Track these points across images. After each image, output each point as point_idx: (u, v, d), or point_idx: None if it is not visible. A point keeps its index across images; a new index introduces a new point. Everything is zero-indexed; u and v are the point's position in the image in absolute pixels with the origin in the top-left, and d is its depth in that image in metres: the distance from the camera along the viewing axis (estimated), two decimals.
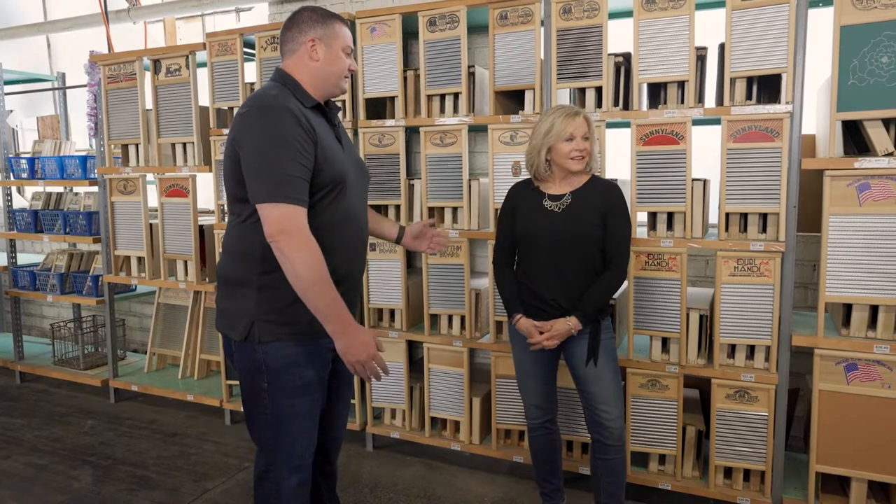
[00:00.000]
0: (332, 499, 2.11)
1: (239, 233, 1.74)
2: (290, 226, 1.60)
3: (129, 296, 4.25)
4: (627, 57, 2.58)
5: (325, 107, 1.84)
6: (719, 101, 2.48)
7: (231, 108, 3.33)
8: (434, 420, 3.06)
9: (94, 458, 3.15)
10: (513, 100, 2.85)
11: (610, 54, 2.54)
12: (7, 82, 4.61)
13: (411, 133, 3.17)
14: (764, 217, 2.40)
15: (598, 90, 2.57)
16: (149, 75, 3.53)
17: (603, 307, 2.19)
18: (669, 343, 2.56)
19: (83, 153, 4.18)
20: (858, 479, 2.33)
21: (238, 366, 1.82)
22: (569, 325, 2.15)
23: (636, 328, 2.57)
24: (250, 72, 3.30)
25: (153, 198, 3.63)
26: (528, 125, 2.67)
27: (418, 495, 2.76)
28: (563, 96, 2.75)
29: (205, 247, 3.56)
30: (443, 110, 2.88)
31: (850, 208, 2.24)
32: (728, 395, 2.46)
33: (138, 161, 3.61)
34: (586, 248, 2.16)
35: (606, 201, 2.16)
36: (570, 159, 2.15)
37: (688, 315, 2.50)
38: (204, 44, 3.34)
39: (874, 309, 2.30)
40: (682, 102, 2.47)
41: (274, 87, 1.76)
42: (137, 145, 3.59)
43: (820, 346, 2.32)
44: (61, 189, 4.37)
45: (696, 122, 2.50)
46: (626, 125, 2.57)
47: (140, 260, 3.70)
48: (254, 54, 3.22)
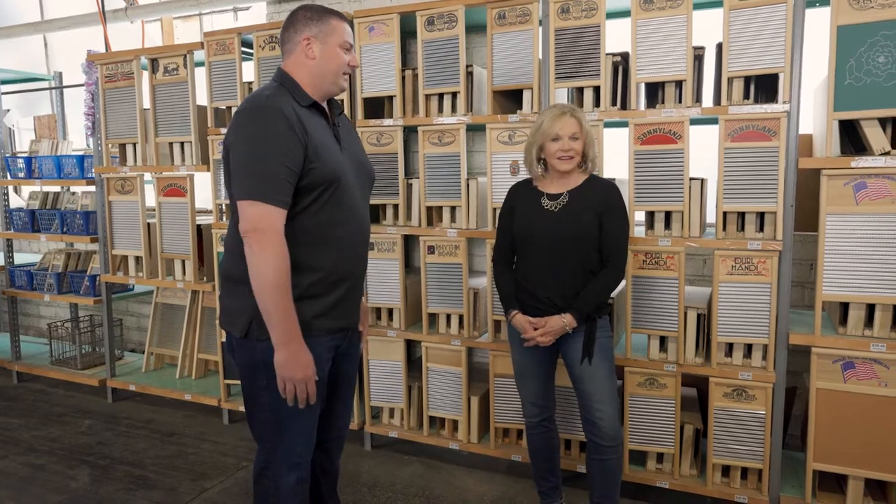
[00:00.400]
0: (332, 498, 2.12)
1: (237, 230, 1.74)
2: (264, 225, 1.63)
3: (127, 295, 4.25)
4: (625, 56, 2.59)
5: (324, 106, 1.84)
6: (717, 100, 2.49)
7: (229, 108, 3.33)
8: (432, 419, 3.06)
9: (92, 457, 3.15)
10: (511, 99, 2.85)
11: (608, 54, 2.55)
12: (4, 82, 4.61)
13: (409, 132, 3.18)
14: (761, 216, 2.41)
15: (596, 90, 2.58)
16: (146, 75, 3.53)
17: (599, 306, 2.19)
18: (667, 342, 2.57)
19: (80, 153, 4.16)
20: (855, 477, 2.34)
21: (239, 363, 1.83)
22: (563, 322, 2.16)
23: (634, 327, 2.58)
24: (248, 71, 3.29)
25: (151, 197, 3.63)
26: (526, 125, 2.68)
27: (417, 494, 2.76)
28: (561, 96, 2.76)
29: (202, 246, 3.56)
30: (441, 110, 2.88)
31: (846, 207, 2.25)
32: (726, 393, 2.47)
33: (136, 160, 3.60)
34: (582, 247, 2.16)
35: (604, 201, 2.16)
36: (557, 159, 2.17)
37: (685, 314, 2.51)
38: (202, 43, 3.34)
39: (871, 307, 2.31)
40: (680, 102, 2.47)
41: (270, 87, 1.77)
42: (135, 145, 3.59)
43: (817, 344, 2.33)
44: (58, 188, 4.35)
45: (694, 122, 2.50)
46: (623, 125, 2.58)
47: (138, 259, 3.69)
48: (252, 54, 3.22)
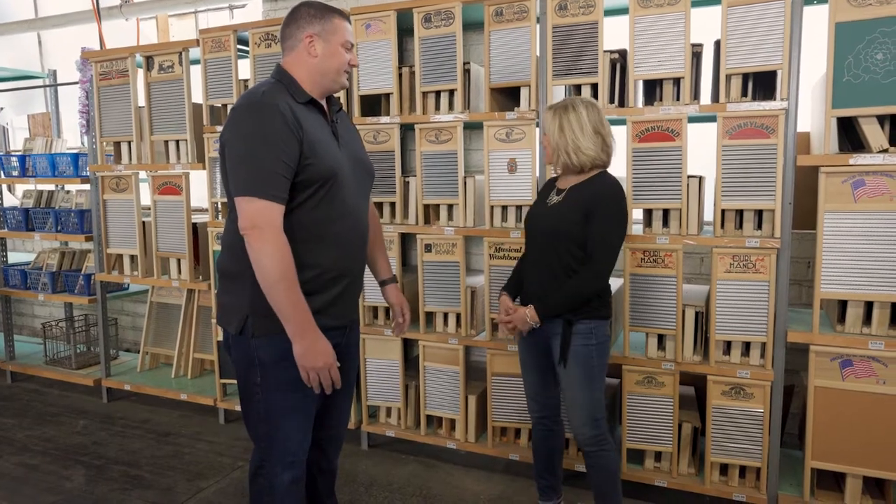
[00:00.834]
0: (330, 497, 2.10)
1: (235, 227, 1.73)
2: (263, 221, 1.62)
3: (122, 294, 4.22)
4: (623, 54, 2.58)
5: (321, 103, 1.82)
6: (715, 97, 2.49)
7: (225, 106, 3.31)
8: (430, 418, 3.05)
9: (87, 457, 3.12)
10: (508, 97, 2.84)
11: (606, 51, 2.54)
12: None
13: (406, 130, 3.16)
14: (759, 214, 2.41)
15: (594, 87, 2.57)
16: (141, 72, 3.51)
17: (574, 309, 2.11)
18: (665, 340, 2.56)
19: (75, 151, 4.14)
20: (853, 475, 2.34)
21: (234, 359, 1.82)
22: (525, 315, 2.15)
23: (632, 325, 2.57)
24: (244, 69, 3.27)
25: (146, 196, 3.60)
26: (523, 122, 2.67)
27: (414, 494, 2.75)
28: (558, 93, 2.75)
29: (198, 245, 3.53)
30: (438, 107, 2.87)
31: (845, 205, 2.25)
32: (724, 391, 2.46)
33: (131, 159, 3.58)
34: (560, 244, 2.12)
35: (591, 201, 2.09)
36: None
37: (683, 312, 2.50)
38: (197, 40, 3.32)
39: (869, 305, 2.30)
40: (678, 99, 2.46)
41: (267, 83, 1.76)
42: (130, 143, 3.56)
43: (815, 342, 2.33)
44: (53, 187, 4.33)
45: (692, 119, 2.50)
46: (621, 122, 2.57)
47: (133, 258, 3.67)
48: (248, 51, 3.20)
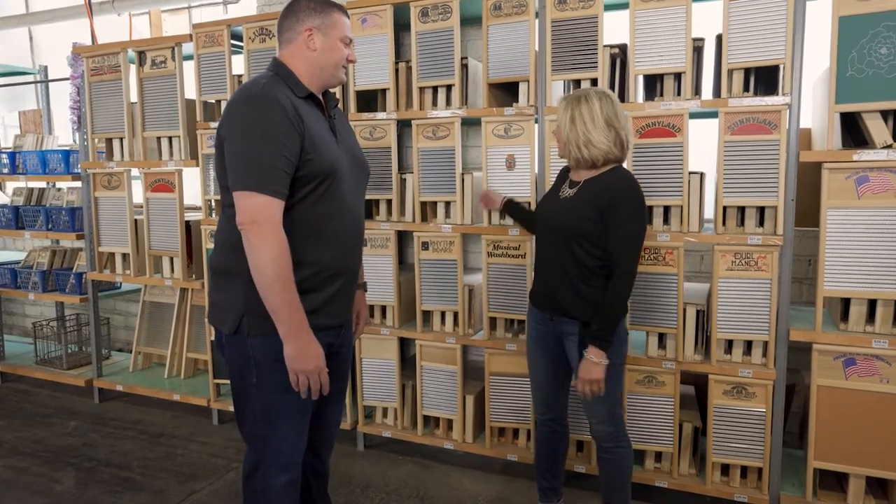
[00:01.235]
0: (323, 499, 2.06)
1: (230, 223, 1.68)
2: (262, 216, 1.58)
3: (114, 293, 4.17)
4: (623, 48, 2.54)
5: (319, 97, 1.79)
6: (716, 92, 2.46)
7: (218, 102, 3.26)
8: (427, 418, 3.01)
9: (77, 459, 3.07)
10: (507, 92, 2.80)
11: (605, 46, 2.50)
12: None
13: (403, 126, 3.12)
14: (761, 211, 2.37)
15: (594, 82, 2.53)
16: (133, 68, 3.45)
17: (611, 315, 2.03)
18: (666, 339, 2.52)
19: (66, 148, 4.08)
20: (856, 475, 2.31)
21: (228, 360, 1.77)
22: (591, 363, 2.00)
23: (632, 324, 2.53)
24: (238, 64, 3.22)
25: (138, 193, 3.55)
26: (522, 118, 2.63)
27: (411, 495, 2.71)
28: (557, 89, 2.71)
29: (191, 243, 3.49)
30: (435, 103, 2.82)
31: (848, 201, 2.22)
32: (725, 391, 2.43)
33: (123, 155, 3.53)
34: (569, 240, 2.06)
35: (605, 196, 2.02)
36: None
37: (685, 310, 2.47)
38: (190, 35, 3.27)
39: (872, 303, 2.27)
40: (679, 94, 2.43)
41: (265, 76, 1.72)
42: (122, 139, 3.51)
43: (818, 341, 2.30)
44: (43, 184, 4.27)
45: (693, 115, 2.47)
46: None
47: (125, 257, 3.61)
48: (242, 46, 3.15)
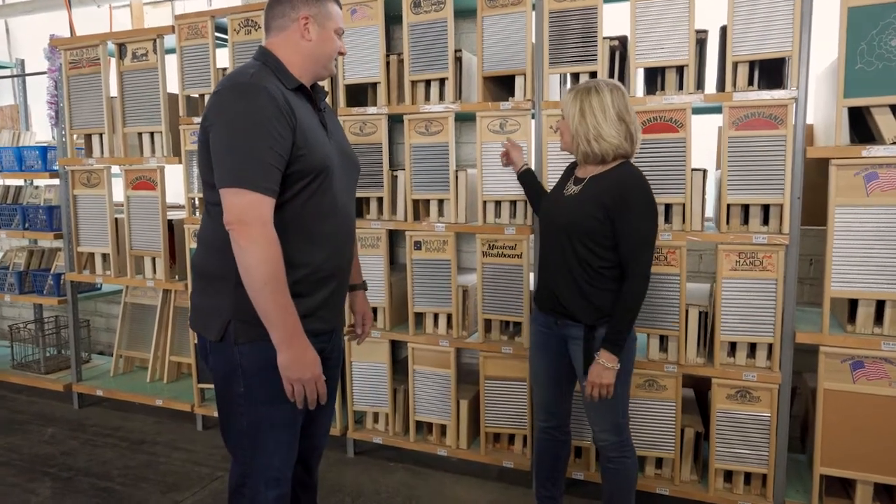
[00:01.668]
0: None
1: (215, 223, 1.57)
2: (251, 216, 1.46)
3: (94, 295, 4.03)
4: (623, 41, 2.46)
5: (309, 90, 1.68)
6: (720, 86, 2.38)
7: (202, 96, 3.15)
8: (419, 424, 2.91)
9: (55, 469, 2.94)
10: (502, 86, 2.71)
11: (605, 38, 2.42)
12: None
13: (394, 121, 3.02)
14: (765, 209, 2.30)
15: (593, 75, 2.44)
16: (113, 61, 3.33)
17: (607, 317, 1.97)
18: (667, 341, 2.44)
19: (43, 144, 3.97)
20: (864, 481, 2.24)
21: (213, 368, 1.66)
22: (601, 368, 1.93)
23: None
24: (223, 57, 3.11)
25: (119, 191, 3.43)
26: (518, 113, 2.54)
27: (403, 503, 2.62)
28: (555, 82, 2.62)
29: (174, 243, 3.37)
30: (428, 97, 2.73)
31: (857, 199, 2.14)
32: (729, 395, 2.35)
33: (102, 152, 3.40)
34: (573, 238, 1.97)
35: (612, 194, 1.92)
36: None
37: (687, 312, 2.39)
38: (173, 27, 3.15)
39: (880, 304, 2.21)
40: (681, 88, 2.35)
41: (253, 65, 1.61)
42: (102, 135, 3.39)
43: (825, 343, 2.23)
44: (20, 182, 4.15)
45: (696, 110, 2.39)
46: None
47: (105, 257, 3.49)
48: (226, 39, 3.04)
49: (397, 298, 2.93)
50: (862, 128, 2.25)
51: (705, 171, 2.37)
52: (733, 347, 2.39)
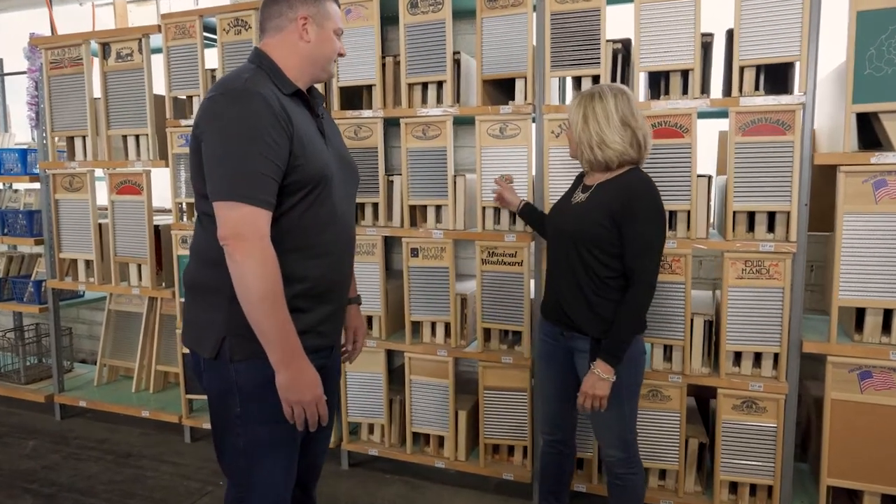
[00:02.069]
0: None
1: (208, 234, 1.49)
2: (247, 230, 1.38)
3: (77, 302, 3.92)
4: (626, 44, 2.41)
5: (306, 94, 1.61)
6: (727, 91, 2.33)
7: (189, 97, 3.05)
8: (416, 435, 2.84)
9: (36, 484, 2.83)
10: (502, 89, 2.65)
11: (608, 40, 2.36)
12: None
13: (390, 125, 2.95)
14: (770, 216, 2.26)
15: (595, 79, 2.38)
16: (97, 61, 3.22)
17: (607, 331, 1.91)
18: (672, 350, 2.40)
19: (23, 146, 3.84)
20: (871, 492, 2.21)
21: (207, 387, 1.58)
22: (596, 378, 1.87)
23: None
24: (211, 57, 3.02)
25: (102, 195, 3.32)
26: (518, 117, 2.48)
27: None
28: (556, 85, 2.56)
29: (160, 249, 3.27)
30: (425, 100, 2.66)
31: (865, 206, 2.11)
32: (735, 405, 2.31)
33: (85, 155, 3.29)
34: (579, 247, 1.91)
35: (618, 199, 1.87)
36: None
37: (692, 321, 2.34)
38: (159, 26, 3.05)
39: (888, 313, 2.17)
40: (686, 93, 2.30)
41: (248, 69, 1.53)
42: (84, 137, 3.28)
43: (832, 352, 2.19)
44: None
45: (701, 115, 2.34)
46: None
47: (88, 263, 3.38)
48: (215, 38, 2.95)
49: (393, 306, 2.85)
50: (866, 133, 2.22)
51: (710, 178, 2.33)
52: (738, 357, 2.35)
